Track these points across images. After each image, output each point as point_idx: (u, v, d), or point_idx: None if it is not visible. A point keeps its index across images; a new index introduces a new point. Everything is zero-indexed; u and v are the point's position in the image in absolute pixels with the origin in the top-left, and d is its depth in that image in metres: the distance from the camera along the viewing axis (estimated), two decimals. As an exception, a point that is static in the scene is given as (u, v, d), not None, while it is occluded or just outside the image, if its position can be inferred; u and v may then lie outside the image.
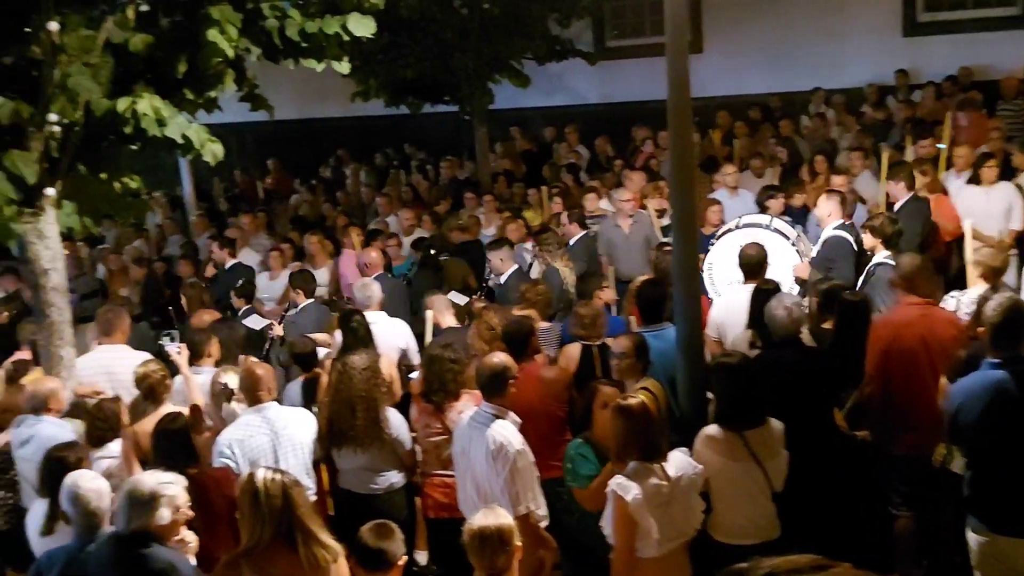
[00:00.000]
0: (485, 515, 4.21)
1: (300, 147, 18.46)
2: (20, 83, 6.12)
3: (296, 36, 6.70)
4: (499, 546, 4.11)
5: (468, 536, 4.14)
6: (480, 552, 4.12)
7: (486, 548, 4.10)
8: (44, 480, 5.47)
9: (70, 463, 5.36)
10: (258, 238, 12.51)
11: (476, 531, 4.12)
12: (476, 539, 4.12)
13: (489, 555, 4.10)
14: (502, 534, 4.13)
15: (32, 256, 6.58)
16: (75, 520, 4.72)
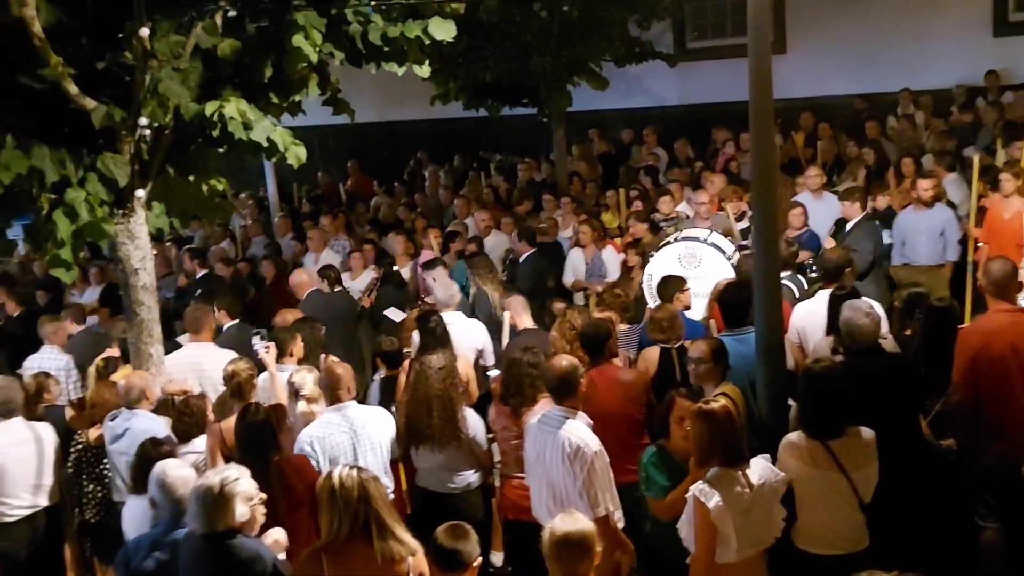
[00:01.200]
0: (564, 520, 4.18)
1: (380, 149, 18.69)
2: (113, 88, 6.31)
3: (378, 40, 6.79)
4: (580, 552, 4.08)
5: (549, 542, 4.11)
6: (560, 558, 4.09)
7: (567, 554, 4.07)
8: (139, 475, 5.64)
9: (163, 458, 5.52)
10: (338, 239, 12.70)
11: (559, 537, 4.09)
12: (557, 545, 4.09)
13: (570, 561, 4.08)
14: (584, 540, 4.10)
15: (123, 256, 6.78)
16: (162, 507, 4.86)
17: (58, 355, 8.93)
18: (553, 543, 4.10)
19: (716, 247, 8.57)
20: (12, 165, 5.89)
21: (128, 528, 5.66)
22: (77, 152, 6.22)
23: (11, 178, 5.93)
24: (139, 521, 5.54)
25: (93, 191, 6.20)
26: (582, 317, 7.12)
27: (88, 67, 6.19)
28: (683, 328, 6.91)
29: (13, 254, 15.88)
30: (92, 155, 6.26)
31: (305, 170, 7.90)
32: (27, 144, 6.03)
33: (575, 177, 14.37)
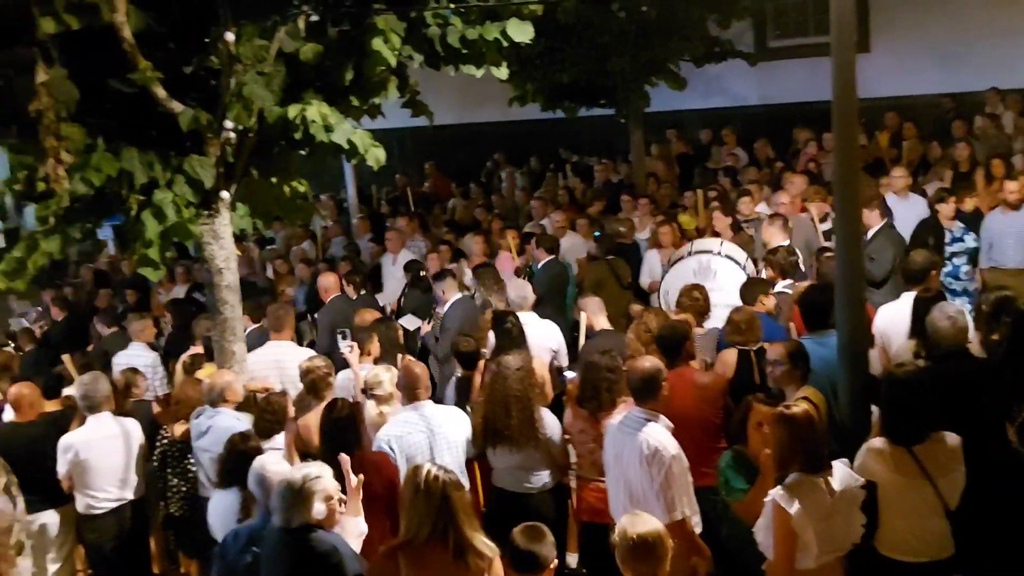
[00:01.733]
0: (636, 521, 4.16)
1: (458, 151, 18.80)
2: (199, 92, 6.45)
3: (457, 43, 6.83)
4: (654, 555, 4.05)
5: (621, 544, 4.09)
6: (633, 560, 4.07)
7: (640, 557, 4.05)
8: (227, 469, 5.77)
9: (251, 451, 5.65)
10: (414, 240, 12.81)
11: (632, 539, 4.06)
12: (631, 548, 4.07)
13: (643, 564, 4.05)
14: (658, 542, 4.08)
15: (208, 256, 6.93)
16: (260, 500, 4.96)
17: (145, 352, 9.18)
18: (626, 545, 4.07)
19: (730, 258, 8.61)
20: (103, 167, 6.07)
21: (214, 521, 5.77)
22: (165, 155, 6.38)
23: (102, 180, 6.11)
24: (225, 514, 5.65)
25: (180, 192, 6.36)
26: (658, 319, 7.07)
27: (175, 71, 6.34)
28: (762, 330, 6.82)
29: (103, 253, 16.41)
30: (179, 157, 6.42)
31: (384, 172, 7.98)
32: (117, 147, 6.21)
33: (652, 178, 14.27)
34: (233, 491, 5.66)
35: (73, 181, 6.03)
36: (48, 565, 7.11)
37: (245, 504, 5.50)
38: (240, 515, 5.53)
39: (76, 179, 6.04)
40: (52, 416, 7.30)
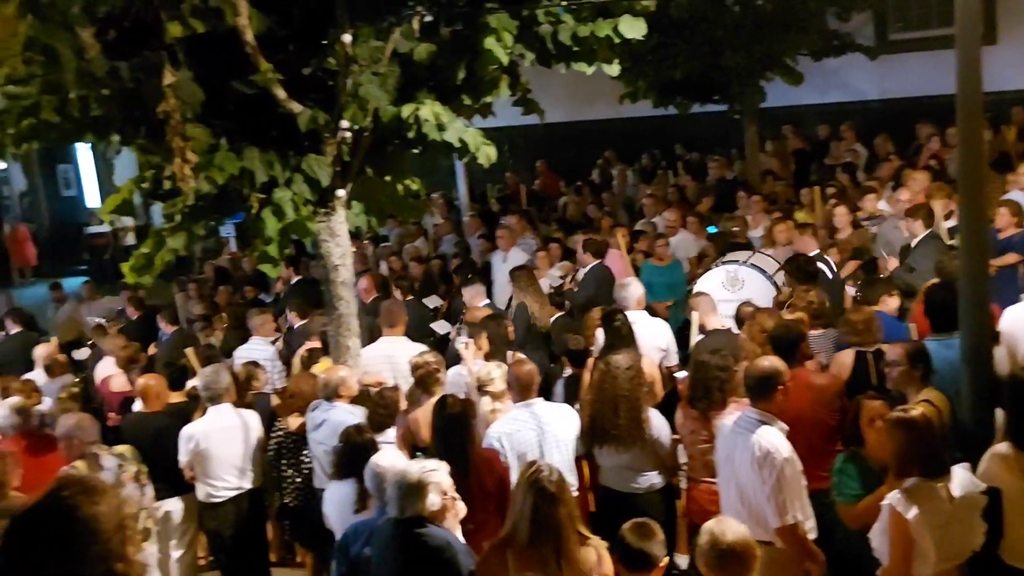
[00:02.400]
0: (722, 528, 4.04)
1: (568, 149, 18.79)
2: (317, 92, 6.61)
3: (568, 40, 6.82)
4: (742, 563, 3.93)
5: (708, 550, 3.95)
6: (720, 568, 3.93)
7: (727, 564, 3.92)
8: (342, 461, 5.90)
9: (366, 444, 5.76)
10: (525, 238, 12.86)
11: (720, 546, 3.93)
12: (717, 554, 3.93)
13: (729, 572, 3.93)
14: (747, 551, 3.95)
15: (324, 252, 7.09)
16: (376, 496, 5.06)
17: (265, 346, 9.44)
18: (714, 553, 3.94)
19: (757, 268, 8.66)
20: (226, 166, 6.28)
21: (330, 512, 5.89)
22: (284, 154, 6.56)
23: (224, 179, 6.32)
24: (340, 506, 5.76)
25: (298, 191, 6.53)
26: (772, 319, 6.94)
27: (294, 73, 6.51)
28: (881, 331, 6.62)
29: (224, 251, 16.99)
30: (298, 157, 6.59)
31: (495, 170, 8.04)
32: (239, 147, 6.41)
33: (768, 175, 14.00)
34: (349, 483, 5.76)
35: (198, 180, 6.25)
36: (172, 551, 7.37)
37: (361, 496, 5.59)
38: (356, 507, 5.63)
39: (200, 178, 6.26)
40: (177, 407, 7.57)
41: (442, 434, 5.69)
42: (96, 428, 6.64)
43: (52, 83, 6.51)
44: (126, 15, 6.20)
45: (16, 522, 2.59)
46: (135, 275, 6.82)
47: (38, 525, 2.57)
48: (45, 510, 2.59)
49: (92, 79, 6.21)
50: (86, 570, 2.54)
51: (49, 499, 2.61)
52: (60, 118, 6.61)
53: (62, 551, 2.53)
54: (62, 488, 2.63)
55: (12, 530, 2.58)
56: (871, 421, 5.13)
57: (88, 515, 2.58)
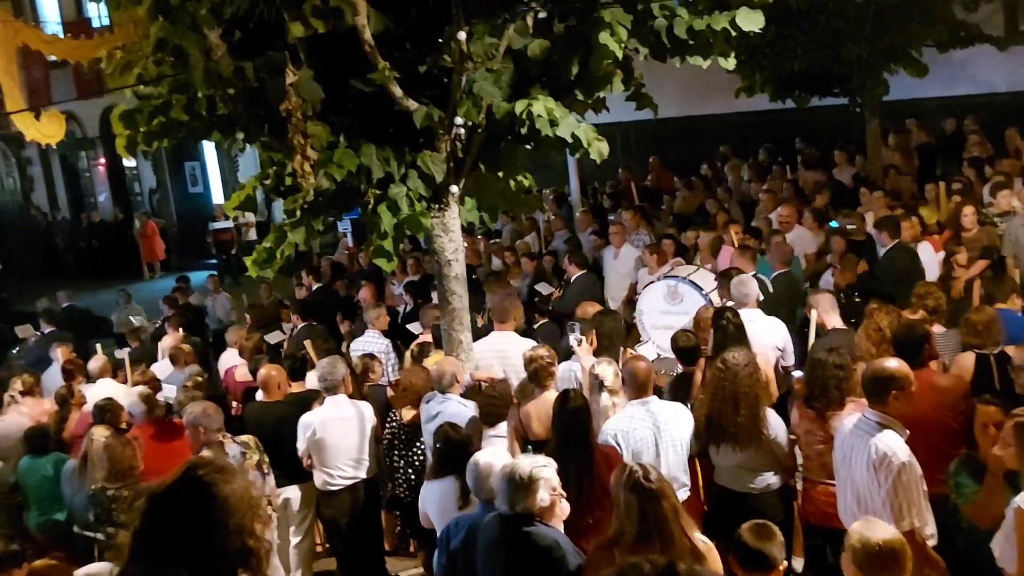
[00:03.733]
0: (871, 527, 3.96)
1: (681, 144, 18.57)
2: (432, 89, 6.70)
3: (684, 34, 6.73)
4: (896, 563, 3.85)
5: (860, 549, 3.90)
6: (872, 568, 3.87)
7: (880, 564, 3.85)
8: (441, 458, 5.96)
9: (463, 442, 5.81)
10: (638, 234, 12.77)
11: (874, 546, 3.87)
12: (870, 554, 3.87)
13: (883, 572, 3.86)
14: (899, 549, 3.88)
15: (437, 248, 7.18)
16: (477, 492, 5.10)
17: (380, 339, 9.62)
18: (866, 553, 3.88)
19: (694, 284, 8.96)
20: (344, 163, 6.43)
21: (430, 509, 5.97)
22: (400, 150, 6.67)
23: (342, 175, 6.47)
24: (439, 504, 5.85)
25: (413, 187, 6.63)
26: (889, 318, 6.73)
27: (410, 70, 6.61)
28: (1003, 333, 6.35)
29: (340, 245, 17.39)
30: (413, 153, 6.69)
31: (607, 165, 8.00)
32: (357, 143, 6.55)
33: (890, 170, 13.57)
34: (447, 480, 5.83)
35: (317, 176, 6.41)
36: (291, 537, 7.59)
37: (463, 492, 5.65)
38: (459, 503, 5.69)
39: (320, 174, 6.42)
40: (297, 397, 7.79)
41: (563, 429, 5.68)
42: (220, 417, 6.88)
43: (181, 83, 6.78)
44: (251, 16, 6.40)
45: (156, 498, 2.71)
46: (258, 268, 7.04)
47: (179, 500, 2.68)
48: (184, 487, 2.70)
49: (219, 79, 6.43)
50: (224, 543, 2.65)
51: (185, 477, 2.72)
52: (188, 117, 6.89)
53: (202, 525, 2.63)
54: (196, 468, 2.74)
55: (153, 506, 2.69)
56: (983, 426, 4.95)
57: (224, 492, 2.68)
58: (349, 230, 17.43)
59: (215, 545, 2.64)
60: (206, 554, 2.63)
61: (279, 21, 6.26)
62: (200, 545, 2.63)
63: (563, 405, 5.75)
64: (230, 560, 2.65)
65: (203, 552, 2.62)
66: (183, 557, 2.61)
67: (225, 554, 2.64)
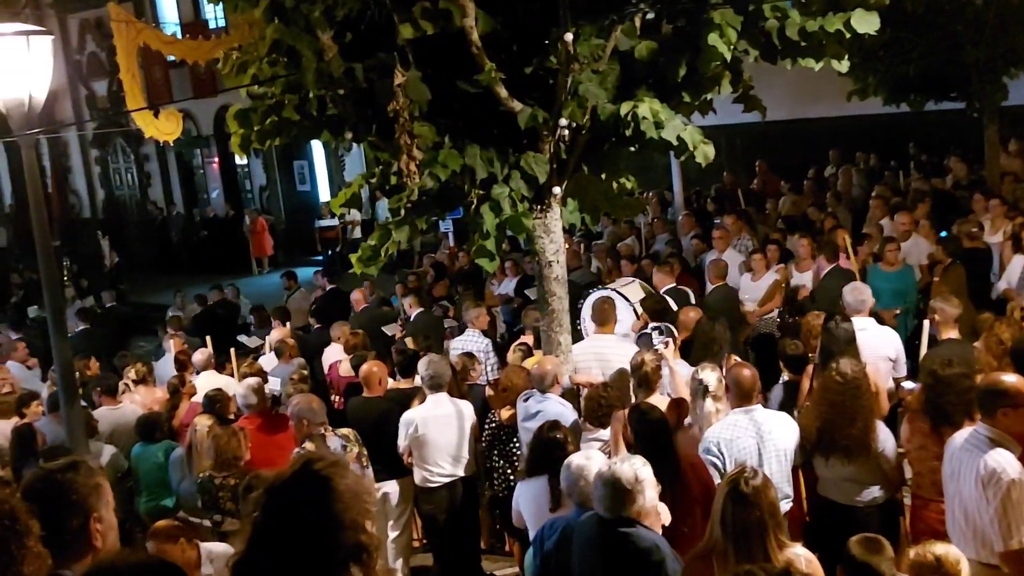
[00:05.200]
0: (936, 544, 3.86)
1: (789, 148, 18.22)
2: (537, 91, 6.71)
3: (795, 35, 6.60)
4: None
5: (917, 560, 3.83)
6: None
7: None
8: (535, 458, 5.97)
9: (559, 442, 5.81)
10: (741, 238, 12.58)
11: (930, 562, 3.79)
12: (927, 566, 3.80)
13: None
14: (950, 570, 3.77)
15: (538, 249, 7.19)
16: (573, 495, 5.09)
17: (479, 338, 9.68)
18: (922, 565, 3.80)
19: (624, 298, 9.31)
20: (448, 163, 6.49)
21: (524, 508, 5.98)
22: (503, 151, 6.70)
23: (447, 175, 6.54)
24: (532, 503, 5.85)
25: (516, 187, 6.65)
26: (1011, 330, 6.47)
27: (516, 71, 6.64)
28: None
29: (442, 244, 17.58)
30: (516, 154, 6.71)
31: (711, 169, 7.91)
32: (461, 144, 6.61)
33: (1009, 177, 13.08)
34: (540, 480, 5.83)
35: (422, 176, 6.50)
36: (389, 531, 7.69)
37: (555, 493, 5.63)
38: (551, 504, 5.68)
39: (425, 174, 6.50)
40: (398, 393, 7.90)
41: (643, 441, 5.65)
42: (324, 410, 7.03)
43: (293, 83, 6.95)
44: (362, 18, 6.51)
45: (275, 491, 2.77)
46: (362, 266, 7.17)
47: (297, 494, 2.74)
48: (302, 481, 2.76)
49: (330, 79, 6.56)
50: (338, 537, 2.70)
51: (303, 471, 2.78)
52: (300, 116, 7.05)
53: (319, 518, 2.69)
54: (312, 463, 2.80)
55: (272, 498, 2.76)
56: None
57: (340, 487, 2.74)
58: (451, 229, 17.60)
59: (331, 539, 2.69)
60: (322, 547, 2.68)
61: (389, 23, 6.35)
62: (317, 538, 2.68)
63: (641, 417, 5.71)
64: (344, 554, 2.70)
65: (319, 545, 2.68)
66: (300, 549, 2.67)
67: (340, 548, 2.69)
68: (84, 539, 3.11)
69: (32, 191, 7.07)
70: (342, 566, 2.70)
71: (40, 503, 2.94)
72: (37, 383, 11.64)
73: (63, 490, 3.12)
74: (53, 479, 3.16)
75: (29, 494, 3.08)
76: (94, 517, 3.14)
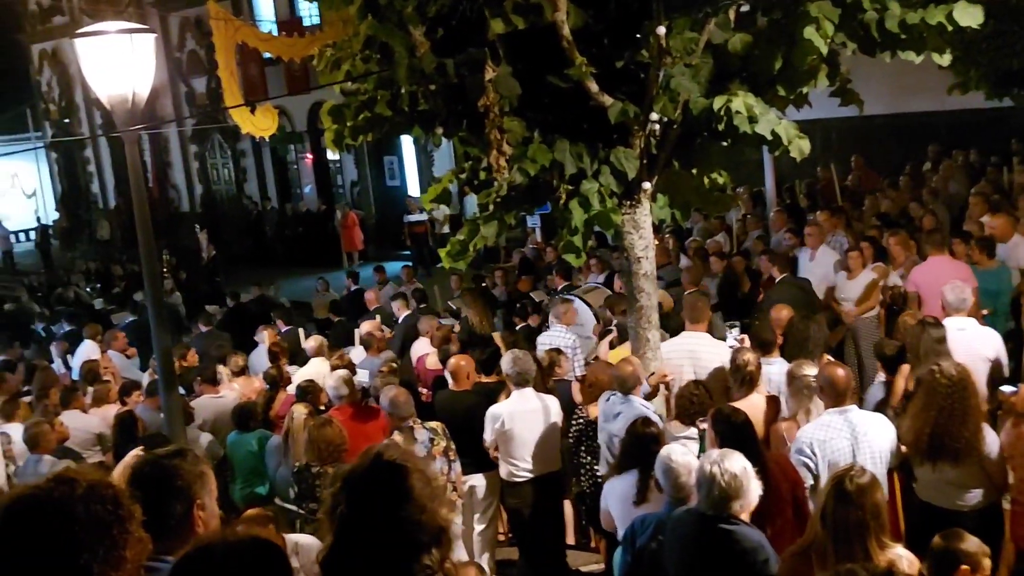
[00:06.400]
0: None
1: (887, 143, 17.76)
2: (628, 85, 6.66)
3: (895, 28, 6.43)
4: None
5: None
6: None
7: None
8: (627, 453, 5.94)
9: (652, 436, 5.78)
10: (835, 235, 12.29)
11: None
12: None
13: None
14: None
15: (627, 245, 7.14)
16: (666, 490, 5.06)
17: (566, 333, 9.67)
18: None
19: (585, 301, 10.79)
20: (538, 158, 6.49)
21: (611, 503, 5.97)
22: (593, 146, 6.66)
23: (536, 170, 6.53)
24: (621, 498, 5.84)
25: (605, 183, 6.61)
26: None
27: (606, 66, 6.60)
28: None
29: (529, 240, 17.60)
30: (606, 149, 6.67)
31: (805, 164, 7.75)
32: (551, 139, 6.59)
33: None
34: (631, 475, 5.81)
35: (512, 171, 6.51)
36: (475, 524, 7.75)
37: (641, 489, 5.63)
38: (635, 499, 5.67)
39: (514, 169, 6.50)
40: (484, 387, 7.95)
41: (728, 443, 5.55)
42: (411, 403, 7.11)
43: (386, 79, 7.02)
44: (453, 14, 6.55)
45: (352, 481, 2.82)
46: (451, 260, 7.22)
47: (374, 484, 2.79)
48: (378, 471, 2.80)
49: (421, 75, 6.62)
50: (423, 521, 2.74)
51: (378, 462, 2.82)
52: (391, 112, 7.13)
53: (404, 505, 2.73)
54: (382, 453, 2.85)
55: (348, 488, 2.81)
56: None
57: (415, 474, 2.79)
58: (538, 225, 17.61)
59: (414, 524, 2.73)
60: (407, 534, 2.72)
61: (480, 18, 6.38)
62: (401, 526, 2.72)
63: (726, 420, 5.61)
64: (420, 541, 2.73)
65: (404, 532, 2.72)
66: (386, 539, 2.71)
67: (423, 531, 2.73)
68: (187, 526, 3.16)
69: (135, 186, 7.28)
70: (425, 548, 2.74)
71: (146, 488, 3.00)
72: (135, 371, 12.05)
73: (169, 475, 3.18)
74: (160, 464, 3.22)
75: (136, 479, 3.17)
76: (197, 504, 3.19)
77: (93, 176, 35.31)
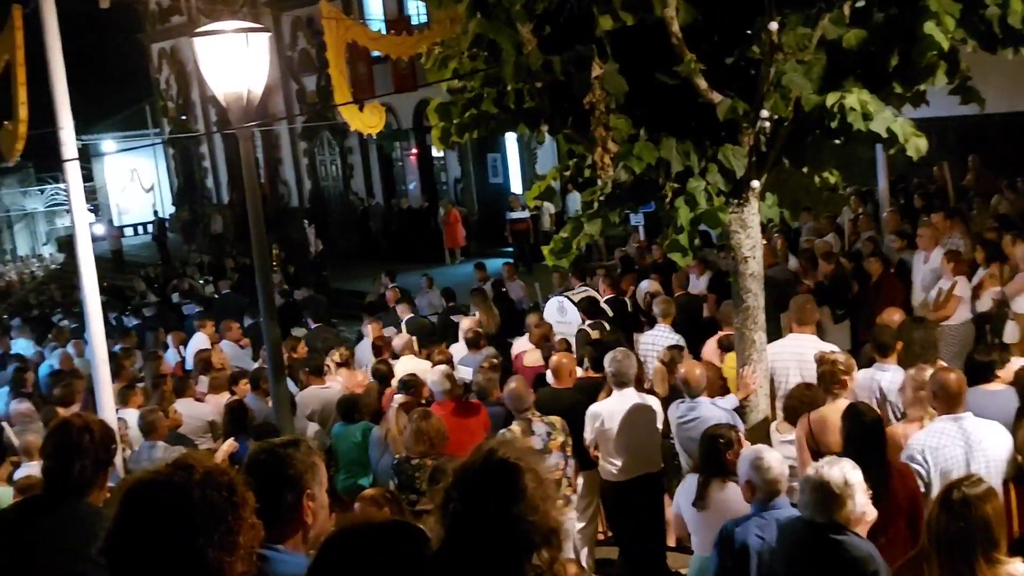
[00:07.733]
0: None
1: (1007, 143, 17.04)
2: (738, 82, 6.55)
3: (1019, 24, 6.19)
4: None
5: None
6: None
7: None
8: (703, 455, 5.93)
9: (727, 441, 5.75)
10: (951, 237, 11.88)
11: None
12: None
13: None
14: None
15: (734, 244, 7.03)
16: (757, 488, 4.99)
17: (670, 333, 9.59)
18: None
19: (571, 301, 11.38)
20: (644, 156, 6.43)
21: (681, 503, 6.00)
22: (700, 144, 6.57)
23: (642, 168, 6.48)
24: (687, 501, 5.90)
25: (712, 181, 6.52)
26: None
27: (716, 62, 6.50)
28: None
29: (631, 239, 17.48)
30: (714, 147, 6.57)
31: (920, 163, 7.49)
32: (657, 136, 6.53)
33: None
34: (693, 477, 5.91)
35: (617, 169, 6.47)
36: (575, 522, 7.74)
37: (701, 493, 5.77)
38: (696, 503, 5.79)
39: (619, 167, 6.47)
40: (585, 384, 7.93)
41: (857, 444, 5.42)
42: (531, 394, 7.18)
43: (492, 77, 7.06)
44: (561, 11, 6.55)
45: (464, 478, 2.83)
46: (554, 258, 7.22)
47: (487, 481, 2.79)
48: (491, 468, 2.81)
49: (528, 72, 6.63)
50: (535, 520, 2.74)
51: (491, 459, 2.83)
52: (498, 109, 7.16)
53: (518, 504, 2.74)
54: (495, 451, 2.85)
55: (461, 485, 2.82)
56: None
57: (529, 473, 2.78)
58: (641, 223, 17.46)
59: (527, 524, 2.73)
60: (511, 534, 2.72)
61: (588, 15, 6.35)
62: (506, 525, 2.73)
63: (857, 419, 5.47)
64: (532, 541, 2.74)
65: (517, 531, 2.72)
66: (499, 537, 2.72)
67: (535, 531, 2.73)
68: (296, 515, 3.20)
69: (248, 181, 7.48)
70: (536, 549, 2.75)
71: (259, 476, 3.05)
72: (247, 361, 12.39)
73: (283, 464, 3.22)
74: (275, 452, 3.27)
75: (251, 466, 3.25)
76: (307, 494, 3.22)
77: (208, 171, 36.47)
